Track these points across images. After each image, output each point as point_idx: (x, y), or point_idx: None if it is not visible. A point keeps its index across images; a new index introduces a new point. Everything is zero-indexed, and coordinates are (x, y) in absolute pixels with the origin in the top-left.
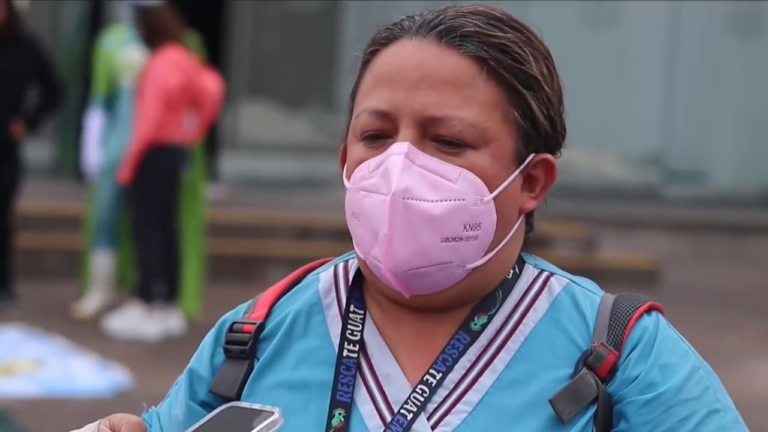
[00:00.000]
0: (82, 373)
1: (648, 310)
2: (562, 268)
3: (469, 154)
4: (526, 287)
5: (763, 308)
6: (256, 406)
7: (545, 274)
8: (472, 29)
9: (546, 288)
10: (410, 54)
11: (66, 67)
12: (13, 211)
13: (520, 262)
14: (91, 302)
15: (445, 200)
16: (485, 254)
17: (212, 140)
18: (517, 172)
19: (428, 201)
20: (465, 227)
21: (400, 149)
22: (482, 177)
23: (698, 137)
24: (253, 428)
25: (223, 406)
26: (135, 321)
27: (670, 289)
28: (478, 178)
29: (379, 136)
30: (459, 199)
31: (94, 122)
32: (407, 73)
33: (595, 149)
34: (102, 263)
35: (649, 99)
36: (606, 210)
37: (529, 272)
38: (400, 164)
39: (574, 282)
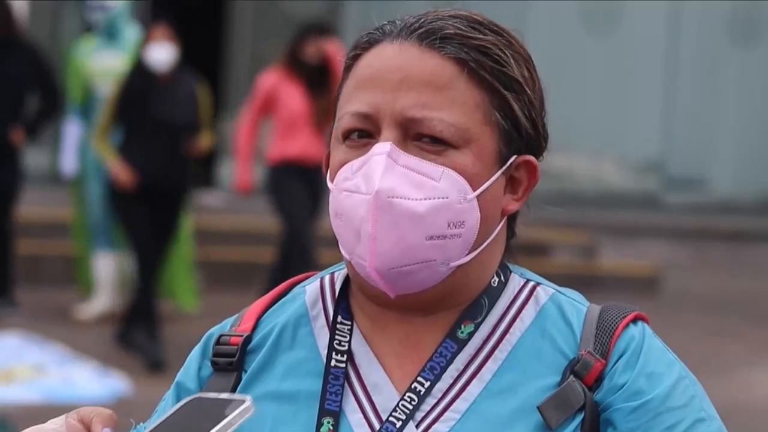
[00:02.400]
0: (82, 380)
1: (634, 320)
2: (563, 275)
3: (451, 154)
4: (512, 297)
5: (763, 315)
6: (225, 396)
7: (531, 284)
8: (452, 31)
9: (532, 298)
10: (391, 57)
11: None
12: (12, 217)
13: (506, 272)
14: (94, 306)
15: (429, 198)
16: (469, 252)
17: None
18: (500, 172)
19: (412, 199)
20: (449, 225)
21: (382, 149)
22: (465, 176)
23: (698, 144)
24: (225, 416)
25: (188, 398)
26: None
27: (670, 296)
28: (461, 177)
29: (362, 137)
30: (443, 198)
31: (72, 129)
32: (388, 75)
33: (594, 156)
34: (104, 266)
35: (648, 106)
36: (606, 217)
37: (515, 282)
38: (383, 164)
39: (560, 292)
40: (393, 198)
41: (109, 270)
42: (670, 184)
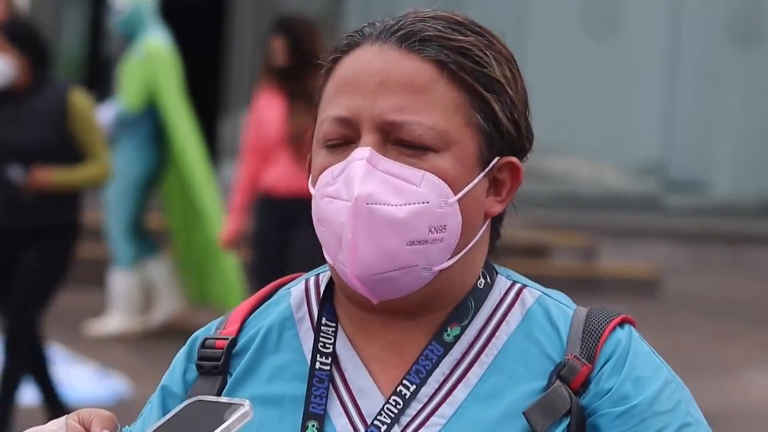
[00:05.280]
0: (82, 381)
1: (621, 323)
2: (562, 278)
3: (431, 158)
4: (499, 299)
5: (763, 318)
6: (224, 399)
7: (518, 286)
8: (431, 33)
9: (519, 300)
10: (370, 60)
11: (67, 74)
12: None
13: (492, 273)
14: (109, 323)
15: (409, 204)
16: (451, 257)
17: (210, 148)
18: (482, 174)
19: (392, 205)
20: (430, 230)
21: (362, 154)
22: (445, 179)
23: (698, 147)
24: (224, 421)
25: (188, 401)
26: None
27: (670, 299)
28: (442, 181)
29: (343, 142)
30: (423, 202)
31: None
32: (367, 78)
33: (595, 158)
34: (122, 282)
35: (649, 108)
36: (606, 219)
37: (501, 284)
38: (362, 169)
39: (546, 294)
40: (372, 204)
41: (127, 287)
42: (670, 186)
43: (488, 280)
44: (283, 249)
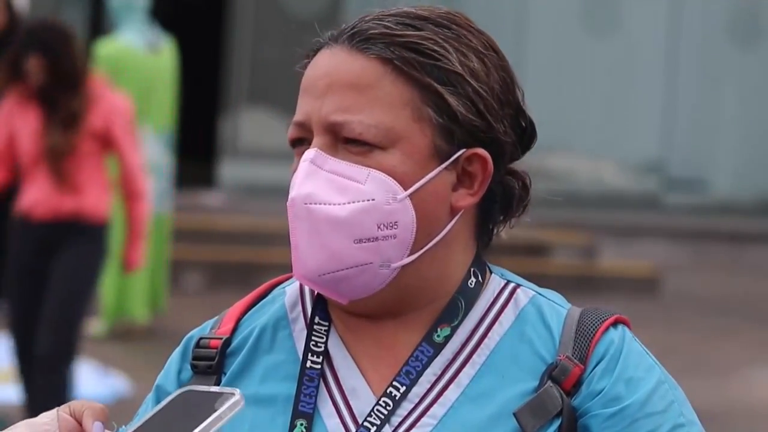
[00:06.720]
0: (82, 380)
1: (614, 324)
2: (562, 276)
3: (378, 155)
4: (492, 299)
5: (763, 316)
6: (215, 389)
7: (511, 285)
8: (378, 31)
9: (512, 300)
10: (322, 63)
11: None
12: (12, 216)
13: (485, 272)
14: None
15: (353, 202)
16: (411, 252)
17: (209, 146)
18: (441, 168)
19: (334, 204)
20: (379, 227)
21: (307, 156)
22: (394, 176)
23: (698, 145)
24: (215, 410)
25: (178, 391)
26: None
27: (669, 297)
28: (389, 177)
29: (303, 145)
30: (368, 200)
31: None
32: (317, 81)
33: (594, 157)
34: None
35: (649, 106)
36: (606, 217)
37: (495, 283)
38: (304, 171)
39: (540, 294)
40: (311, 204)
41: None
42: (670, 184)
43: (480, 279)
44: (40, 277)
